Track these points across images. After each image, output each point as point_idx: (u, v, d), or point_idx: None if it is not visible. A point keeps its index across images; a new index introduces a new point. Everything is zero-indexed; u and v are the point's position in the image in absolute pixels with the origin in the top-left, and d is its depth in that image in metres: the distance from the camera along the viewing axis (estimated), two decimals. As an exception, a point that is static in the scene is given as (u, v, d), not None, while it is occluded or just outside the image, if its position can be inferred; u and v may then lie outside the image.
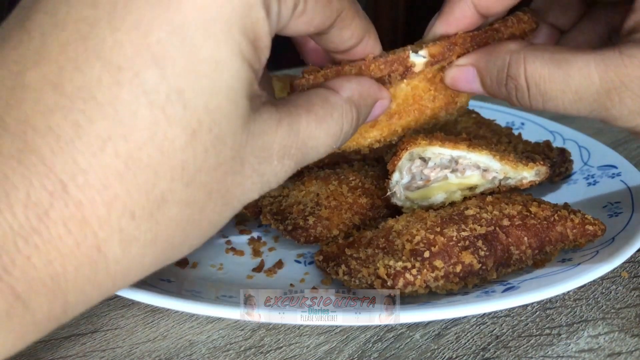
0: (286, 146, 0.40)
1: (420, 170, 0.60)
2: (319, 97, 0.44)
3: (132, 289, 0.50)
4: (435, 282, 0.51)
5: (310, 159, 0.43)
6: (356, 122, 0.46)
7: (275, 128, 0.39)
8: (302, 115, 0.41)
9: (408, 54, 0.50)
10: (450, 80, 0.53)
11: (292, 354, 0.52)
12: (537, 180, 0.60)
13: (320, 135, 0.42)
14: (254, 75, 0.37)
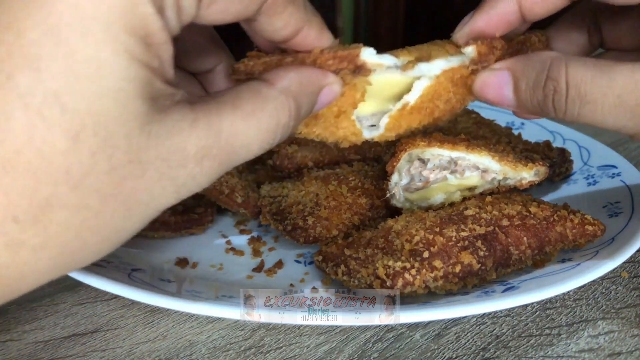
0: (205, 147, 0.38)
1: (419, 171, 0.60)
2: (249, 91, 0.42)
3: (132, 289, 0.50)
4: (434, 282, 0.51)
5: (242, 158, 0.41)
6: (296, 113, 0.44)
7: (188, 129, 0.37)
8: (225, 112, 0.39)
9: (359, 52, 0.48)
10: (481, 85, 0.52)
11: (292, 354, 0.52)
12: (537, 180, 0.60)
13: (250, 132, 0.40)
14: (151, 74, 0.36)
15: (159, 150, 0.36)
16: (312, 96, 0.46)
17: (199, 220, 0.68)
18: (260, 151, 0.42)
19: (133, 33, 0.34)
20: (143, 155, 0.35)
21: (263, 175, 0.75)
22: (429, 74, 0.52)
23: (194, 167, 0.38)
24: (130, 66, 0.34)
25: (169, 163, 0.37)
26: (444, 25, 0.56)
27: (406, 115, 0.54)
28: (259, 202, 0.68)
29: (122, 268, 0.57)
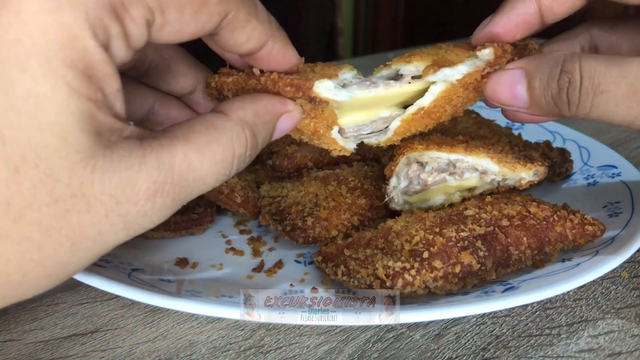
0: (156, 182, 0.37)
1: (417, 174, 0.60)
2: (203, 124, 0.42)
3: (132, 289, 0.50)
4: (434, 282, 0.51)
5: (197, 192, 0.41)
6: (253, 142, 0.44)
7: (137, 165, 0.37)
8: (177, 146, 0.39)
9: (311, 85, 0.48)
10: (493, 85, 0.52)
11: (292, 354, 0.52)
12: (536, 180, 0.60)
13: (204, 165, 0.40)
14: (94, 107, 0.35)
15: (105, 185, 0.36)
16: (269, 125, 0.46)
17: (199, 220, 0.68)
18: (216, 183, 0.42)
19: (73, 66, 0.34)
20: (88, 190, 0.35)
21: (263, 175, 0.75)
22: (451, 79, 0.52)
23: (145, 203, 0.37)
24: (69, 99, 0.34)
25: (117, 199, 0.36)
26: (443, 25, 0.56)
27: (418, 119, 0.54)
28: (259, 202, 0.68)
29: (122, 268, 0.57)
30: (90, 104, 0.35)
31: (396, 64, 0.55)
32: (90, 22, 0.34)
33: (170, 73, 0.54)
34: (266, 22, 0.45)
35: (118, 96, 0.38)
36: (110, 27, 0.36)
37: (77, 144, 0.35)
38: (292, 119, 0.48)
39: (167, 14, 0.38)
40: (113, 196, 0.36)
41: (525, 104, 0.51)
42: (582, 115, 0.49)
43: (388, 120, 0.56)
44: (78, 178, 0.35)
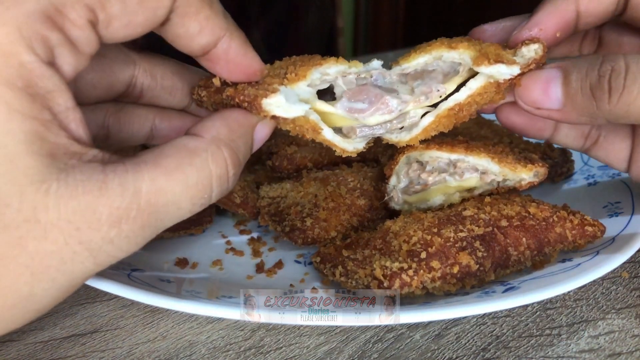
0: (120, 208, 0.35)
1: (417, 174, 0.60)
2: (174, 147, 0.40)
3: (132, 289, 0.50)
4: (432, 283, 0.51)
5: (172, 218, 0.39)
6: (233, 160, 0.42)
7: (97, 191, 0.35)
8: (143, 171, 0.37)
9: (260, 104, 0.45)
10: (527, 81, 0.51)
11: (292, 354, 0.52)
12: (536, 181, 0.60)
13: (176, 189, 0.38)
14: (42, 128, 0.34)
15: (62, 210, 0.34)
16: (246, 137, 0.44)
17: (198, 220, 0.68)
18: (194, 207, 0.40)
19: (10, 85, 0.33)
20: (42, 215, 0.34)
21: (262, 175, 0.75)
22: (498, 77, 0.51)
23: (109, 230, 0.35)
24: (11, 120, 0.33)
25: (76, 225, 0.34)
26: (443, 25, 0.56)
27: (451, 115, 0.54)
28: (258, 203, 0.68)
29: (122, 268, 0.57)
30: (36, 123, 0.34)
31: (437, 50, 0.52)
32: (24, 36, 0.33)
33: (165, 90, 0.52)
34: (221, 15, 0.43)
35: (72, 116, 0.36)
36: (49, 37, 0.34)
37: (25, 167, 0.33)
38: (267, 125, 0.47)
39: (109, 8, 0.36)
40: (71, 222, 0.34)
41: (558, 103, 0.50)
42: (624, 108, 0.47)
43: (407, 117, 0.54)
44: (30, 203, 0.33)
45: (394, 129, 0.55)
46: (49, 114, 0.35)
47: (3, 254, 0.34)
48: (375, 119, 0.53)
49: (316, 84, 0.51)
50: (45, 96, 0.34)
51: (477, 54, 0.51)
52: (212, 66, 0.46)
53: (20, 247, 0.34)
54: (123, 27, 0.38)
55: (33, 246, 0.34)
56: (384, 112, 0.53)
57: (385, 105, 0.52)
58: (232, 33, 0.44)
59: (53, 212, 0.34)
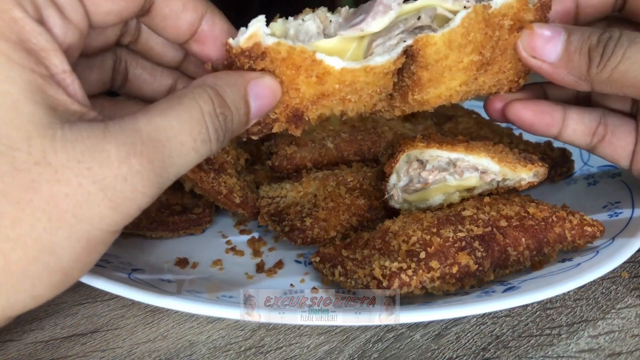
0: (125, 143, 0.36)
1: (417, 173, 0.60)
2: (163, 97, 0.42)
3: (132, 289, 0.50)
4: (431, 283, 0.51)
5: (177, 152, 0.39)
6: (219, 99, 0.43)
7: (101, 133, 0.36)
8: (138, 116, 0.38)
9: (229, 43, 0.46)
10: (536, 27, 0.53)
11: (292, 354, 0.52)
12: (536, 181, 0.60)
13: (173, 124, 0.39)
14: (41, 80, 0.35)
15: (70, 152, 0.35)
16: (235, 86, 0.45)
17: (197, 220, 0.68)
18: (197, 144, 0.40)
19: (5, 38, 0.34)
20: (51, 157, 0.34)
21: (262, 175, 0.75)
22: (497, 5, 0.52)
23: (119, 166, 0.36)
24: (11, 69, 0.34)
25: (87, 165, 0.35)
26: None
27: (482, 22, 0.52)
28: (258, 203, 0.68)
29: (122, 268, 0.57)
30: (34, 75, 0.35)
31: None
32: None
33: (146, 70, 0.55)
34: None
35: (69, 79, 0.37)
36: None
37: (30, 114, 0.34)
38: (264, 83, 0.47)
39: None
40: (81, 162, 0.35)
41: (554, 56, 0.53)
42: (608, 71, 0.51)
43: (421, 13, 0.51)
44: (38, 146, 0.34)
45: (420, 27, 0.52)
46: (46, 70, 0.36)
47: (17, 197, 0.34)
48: (378, 23, 0.50)
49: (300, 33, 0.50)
50: (39, 53, 0.36)
51: None
52: (202, 48, 0.49)
53: (33, 191, 0.34)
54: (108, 1, 0.40)
55: (47, 188, 0.34)
56: (385, 12, 0.50)
57: (382, 4, 0.50)
58: (213, 10, 0.48)
59: (62, 154, 0.34)
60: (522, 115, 0.59)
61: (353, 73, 0.49)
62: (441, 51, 0.51)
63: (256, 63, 0.47)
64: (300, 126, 0.51)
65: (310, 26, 0.50)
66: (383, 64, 0.50)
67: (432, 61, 0.52)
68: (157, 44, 0.52)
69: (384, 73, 0.51)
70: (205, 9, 0.47)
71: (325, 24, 0.51)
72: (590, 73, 0.52)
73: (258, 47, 0.46)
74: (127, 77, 0.54)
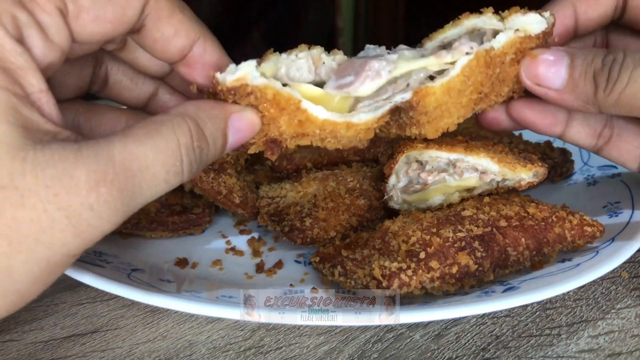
0: (96, 172, 0.35)
1: (417, 173, 0.60)
2: (142, 122, 0.41)
3: (132, 289, 0.50)
4: (431, 283, 0.51)
5: (148, 184, 0.39)
6: (198, 132, 0.42)
7: (73, 157, 0.35)
8: (114, 141, 0.38)
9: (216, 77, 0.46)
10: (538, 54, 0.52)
11: (292, 354, 0.52)
12: (535, 181, 0.60)
13: (148, 154, 0.38)
14: (15, 100, 0.35)
15: (39, 177, 0.34)
16: (216, 120, 0.45)
17: (197, 220, 0.68)
18: (168, 176, 0.40)
19: None
20: (19, 181, 0.34)
21: (262, 175, 0.75)
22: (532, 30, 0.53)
23: (87, 194, 0.35)
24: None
25: (55, 191, 0.34)
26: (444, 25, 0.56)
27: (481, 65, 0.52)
28: (257, 203, 0.68)
29: (121, 268, 0.57)
30: (8, 94, 0.35)
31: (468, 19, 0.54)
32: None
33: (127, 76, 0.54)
34: (194, 19, 0.45)
35: (45, 98, 0.37)
36: (18, 16, 0.35)
37: (1, 134, 0.34)
38: (245, 117, 0.47)
39: None
40: (49, 187, 0.34)
41: (559, 83, 0.52)
42: (615, 95, 0.50)
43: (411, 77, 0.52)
44: (6, 169, 0.33)
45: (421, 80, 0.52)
46: (21, 90, 0.36)
47: None
48: (366, 87, 0.50)
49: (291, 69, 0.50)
50: (16, 72, 0.36)
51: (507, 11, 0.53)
52: (190, 72, 0.48)
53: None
54: (92, 21, 0.40)
55: (10, 213, 0.34)
56: (373, 78, 0.50)
57: (371, 70, 0.50)
58: (206, 36, 0.47)
59: (30, 178, 0.34)
60: (524, 114, 0.58)
61: (335, 125, 0.50)
62: (440, 99, 0.52)
63: (241, 99, 0.47)
64: (276, 152, 0.51)
65: (303, 65, 0.51)
66: (366, 122, 0.51)
67: (431, 109, 0.52)
68: (143, 56, 0.51)
69: (366, 129, 0.52)
70: (199, 34, 0.46)
71: (318, 64, 0.51)
72: (598, 97, 0.51)
73: (244, 87, 0.46)
74: (107, 82, 0.54)
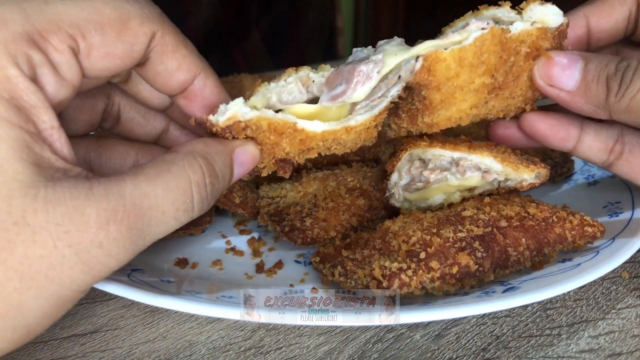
0: (107, 210, 0.36)
1: (419, 171, 0.60)
2: (152, 161, 0.42)
3: (132, 289, 0.50)
4: (431, 283, 0.51)
5: (157, 222, 0.40)
6: (209, 169, 0.44)
7: (85, 195, 0.36)
8: (126, 179, 0.39)
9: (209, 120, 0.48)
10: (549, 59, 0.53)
11: (292, 355, 0.52)
12: (537, 182, 0.60)
13: (158, 192, 0.39)
14: (28, 137, 0.36)
15: (50, 214, 0.35)
16: (223, 155, 0.46)
17: (197, 220, 0.67)
18: (178, 214, 0.41)
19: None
20: (31, 218, 0.34)
21: (262, 175, 0.75)
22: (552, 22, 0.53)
23: (97, 232, 0.36)
24: (0, 126, 0.34)
25: (65, 228, 0.35)
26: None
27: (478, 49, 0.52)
28: (257, 203, 0.68)
29: (121, 268, 0.56)
30: (22, 132, 0.35)
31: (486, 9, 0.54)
32: (10, 52, 0.35)
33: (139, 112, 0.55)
34: (196, 54, 0.47)
35: (56, 135, 0.38)
36: (32, 56, 0.36)
37: (14, 171, 0.34)
38: (247, 151, 0.49)
39: (89, 37, 0.39)
40: (60, 225, 0.35)
41: (572, 85, 0.53)
42: (627, 100, 0.51)
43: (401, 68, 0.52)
44: (18, 206, 0.34)
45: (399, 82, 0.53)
46: (34, 127, 0.36)
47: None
48: (359, 92, 0.51)
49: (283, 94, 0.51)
50: (30, 110, 0.36)
51: None
52: (189, 104, 0.49)
53: (8, 251, 0.34)
54: (102, 58, 0.41)
55: (22, 249, 0.34)
56: (364, 82, 0.50)
57: (361, 75, 0.50)
58: (207, 71, 0.48)
59: (42, 215, 0.35)
60: (537, 127, 0.58)
61: (334, 133, 0.51)
62: (452, 68, 0.52)
63: (238, 134, 0.48)
64: (288, 170, 0.54)
65: (293, 88, 0.52)
66: (364, 122, 0.52)
67: (444, 79, 0.52)
68: (146, 89, 0.53)
69: (366, 128, 0.53)
70: (200, 69, 0.48)
71: (308, 84, 0.52)
72: (609, 102, 0.52)
73: (238, 124, 0.48)
74: (119, 120, 0.55)
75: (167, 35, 0.44)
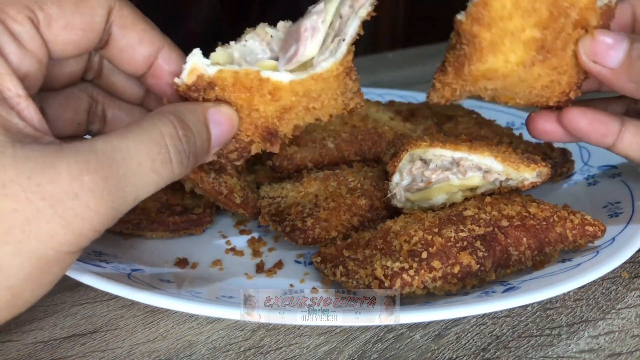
0: (79, 162, 0.36)
1: (421, 172, 0.60)
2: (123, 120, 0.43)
3: (132, 289, 0.50)
4: (433, 283, 0.51)
5: (133, 172, 0.39)
6: (180, 122, 0.44)
7: (54, 153, 0.36)
8: (96, 138, 0.39)
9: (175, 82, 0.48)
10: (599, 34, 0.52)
11: (292, 355, 0.52)
12: (539, 181, 0.60)
13: (130, 144, 0.39)
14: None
15: (20, 168, 0.34)
16: (194, 113, 0.46)
17: (198, 220, 0.68)
18: (155, 166, 0.40)
19: None
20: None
21: (262, 175, 0.75)
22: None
23: (70, 182, 0.35)
24: None
25: (37, 180, 0.34)
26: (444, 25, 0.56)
27: None
28: (258, 203, 0.68)
29: (122, 268, 0.57)
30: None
31: None
32: None
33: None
34: (156, 29, 0.48)
35: (24, 104, 0.38)
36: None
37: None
38: (221, 111, 0.49)
39: (46, 9, 0.40)
40: (31, 178, 0.34)
41: (616, 63, 0.52)
42: None
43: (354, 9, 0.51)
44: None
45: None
46: None
47: None
48: (311, 47, 0.50)
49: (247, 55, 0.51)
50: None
51: None
52: (158, 83, 0.50)
53: None
54: (63, 29, 0.42)
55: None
56: (312, 35, 0.50)
57: (307, 30, 0.50)
58: (171, 46, 0.49)
59: (11, 169, 0.34)
60: (578, 123, 0.57)
61: (303, 84, 0.50)
62: (506, 7, 0.50)
63: (207, 93, 0.48)
64: (276, 143, 0.53)
65: (254, 46, 0.52)
66: (330, 68, 0.51)
67: (497, 17, 0.51)
68: (119, 79, 0.54)
69: (334, 76, 0.51)
70: (163, 43, 0.49)
71: (267, 39, 0.52)
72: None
73: (201, 78, 0.48)
74: (105, 120, 0.56)
75: (124, 9, 0.45)
